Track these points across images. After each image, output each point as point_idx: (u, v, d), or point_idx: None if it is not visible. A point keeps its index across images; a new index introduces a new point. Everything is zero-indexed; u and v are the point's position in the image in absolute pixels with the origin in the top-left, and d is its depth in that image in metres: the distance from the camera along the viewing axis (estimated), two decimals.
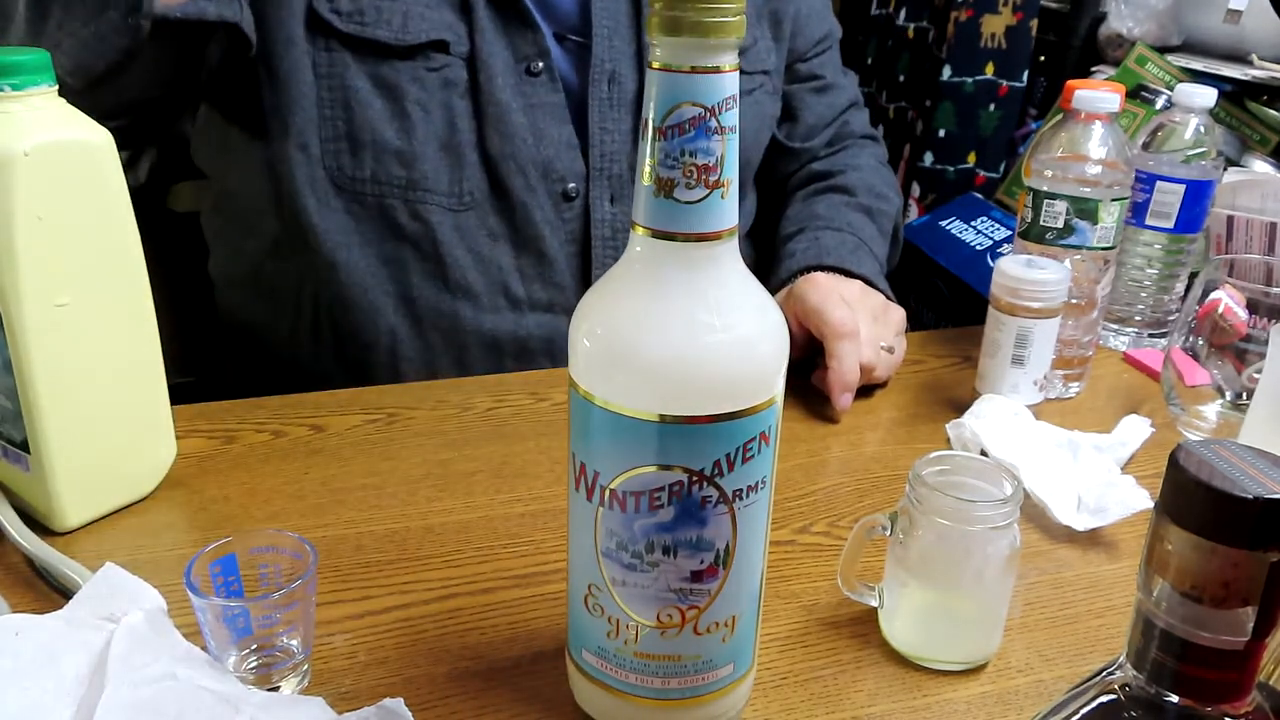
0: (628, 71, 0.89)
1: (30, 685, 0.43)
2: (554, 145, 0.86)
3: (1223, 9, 1.26)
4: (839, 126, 1.07)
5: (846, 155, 1.06)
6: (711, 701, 0.47)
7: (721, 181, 0.40)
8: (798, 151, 1.05)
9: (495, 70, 0.84)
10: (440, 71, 0.83)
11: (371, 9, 0.82)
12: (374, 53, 0.83)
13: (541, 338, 0.89)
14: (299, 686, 0.50)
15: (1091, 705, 0.29)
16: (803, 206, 1.00)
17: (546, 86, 0.86)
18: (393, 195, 0.85)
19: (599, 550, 0.44)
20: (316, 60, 0.83)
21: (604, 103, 0.88)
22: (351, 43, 0.82)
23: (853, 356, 0.78)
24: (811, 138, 1.05)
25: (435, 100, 0.84)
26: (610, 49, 0.88)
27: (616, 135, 0.89)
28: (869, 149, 1.08)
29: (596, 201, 0.89)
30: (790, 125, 1.05)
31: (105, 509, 0.63)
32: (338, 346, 0.90)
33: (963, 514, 0.50)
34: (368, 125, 0.83)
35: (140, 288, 0.62)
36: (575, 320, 0.44)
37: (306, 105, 0.83)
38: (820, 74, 1.05)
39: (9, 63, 0.54)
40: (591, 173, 0.89)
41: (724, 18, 0.38)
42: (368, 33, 0.82)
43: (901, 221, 1.06)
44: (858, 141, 1.08)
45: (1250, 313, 0.73)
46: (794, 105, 1.04)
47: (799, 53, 1.03)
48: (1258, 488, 0.24)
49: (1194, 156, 0.88)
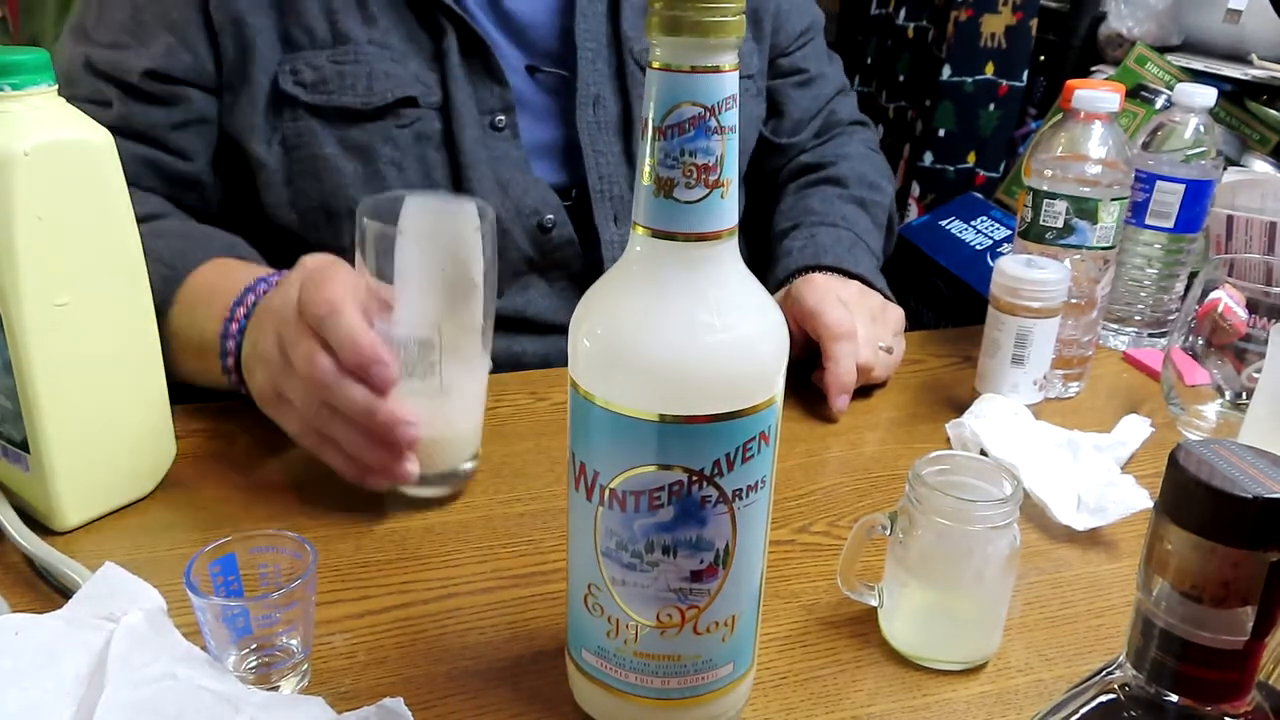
0: (609, 94, 0.89)
1: (30, 685, 0.43)
2: (521, 188, 0.86)
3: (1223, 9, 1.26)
4: (826, 116, 1.06)
5: (836, 144, 1.05)
6: (711, 701, 0.47)
7: (721, 181, 0.40)
8: (785, 147, 1.04)
9: (466, 121, 0.83)
10: (412, 126, 0.83)
11: (335, 75, 0.81)
12: (342, 118, 0.82)
13: (536, 353, 0.89)
14: (298, 686, 0.50)
15: (1091, 705, 0.29)
16: (796, 200, 0.99)
17: (509, 142, 0.86)
18: None
19: (599, 550, 0.44)
20: (284, 134, 0.82)
21: (592, 126, 0.88)
22: (318, 112, 0.82)
23: (850, 358, 0.78)
24: (799, 132, 1.04)
25: (409, 157, 0.83)
26: (594, 72, 0.88)
27: (609, 157, 0.89)
28: (858, 135, 1.07)
29: (602, 223, 0.89)
30: (776, 121, 1.04)
31: (105, 509, 0.63)
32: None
33: (963, 514, 0.50)
34: (340, 193, 0.83)
35: (140, 288, 0.62)
36: (575, 320, 0.44)
37: (277, 187, 0.83)
38: (804, 67, 1.04)
39: (9, 62, 0.54)
40: (593, 196, 0.88)
41: (724, 17, 0.38)
42: (333, 100, 0.81)
43: (895, 211, 1.05)
44: (846, 129, 1.07)
45: (1250, 312, 0.73)
46: (779, 100, 1.03)
47: (781, 48, 1.02)
48: (1258, 488, 0.24)
49: (1194, 156, 0.88)
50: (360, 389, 0.58)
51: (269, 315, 0.63)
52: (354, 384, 0.58)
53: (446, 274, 0.60)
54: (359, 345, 0.57)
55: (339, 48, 0.82)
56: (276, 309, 0.63)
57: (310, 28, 0.81)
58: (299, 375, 0.59)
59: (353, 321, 0.57)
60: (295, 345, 0.59)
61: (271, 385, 0.62)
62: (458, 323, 0.61)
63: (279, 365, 0.61)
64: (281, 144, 0.83)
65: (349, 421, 0.59)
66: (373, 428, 0.59)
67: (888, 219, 1.02)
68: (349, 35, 0.82)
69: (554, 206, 0.87)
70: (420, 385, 0.61)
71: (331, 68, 0.81)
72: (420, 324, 0.60)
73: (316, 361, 0.58)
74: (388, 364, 0.57)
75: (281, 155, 0.83)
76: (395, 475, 0.61)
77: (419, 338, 0.60)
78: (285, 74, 0.81)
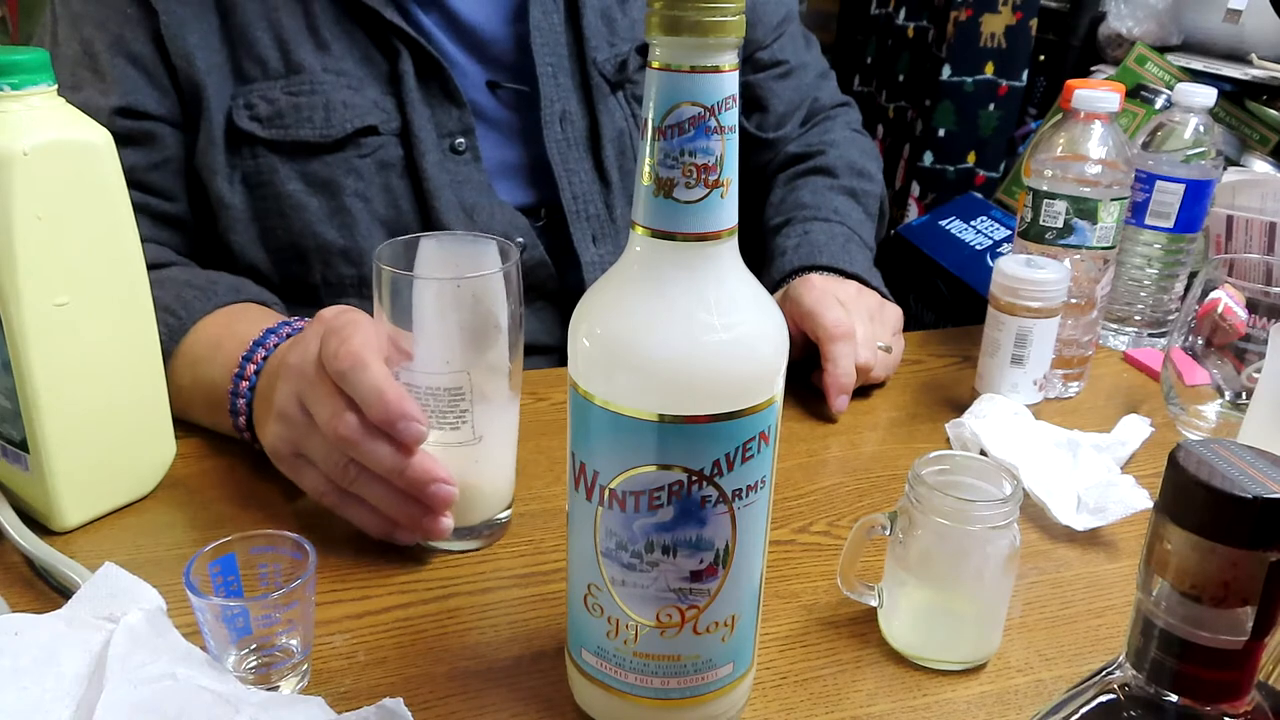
0: (575, 108, 0.88)
1: (30, 685, 0.43)
2: (486, 213, 0.85)
3: (1223, 9, 1.26)
4: (810, 105, 1.05)
5: (821, 130, 1.04)
6: (711, 701, 0.47)
7: (721, 181, 0.40)
8: (772, 141, 1.03)
9: (426, 146, 0.82)
10: (374, 155, 0.82)
11: (290, 109, 0.80)
12: (301, 153, 0.81)
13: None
14: (298, 686, 0.50)
15: (1091, 705, 0.29)
16: (786, 192, 0.98)
17: (470, 165, 0.85)
18: (347, 294, 0.84)
19: (599, 550, 0.44)
20: (245, 172, 0.81)
21: (561, 144, 0.87)
22: (276, 147, 0.80)
23: (848, 358, 0.78)
24: (784, 125, 1.03)
25: (374, 187, 0.82)
26: (557, 86, 0.87)
27: (581, 174, 0.88)
28: (841, 118, 1.06)
29: (581, 244, 0.88)
30: (761, 116, 1.03)
31: (105, 509, 0.63)
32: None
33: (962, 514, 0.50)
34: (308, 230, 0.82)
35: (140, 288, 0.62)
36: (575, 320, 0.44)
37: (244, 225, 0.82)
38: (783, 58, 1.02)
39: (8, 62, 0.54)
40: (569, 216, 0.87)
41: (723, 17, 0.38)
42: (290, 135, 0.80)
43: (885, 193, 1.04)
44: (829, 114, 1.06)
45: (1250, 312, 0.73)
46: (761, 95, 1.02)
47: (759, 42, 1.01)
48: (1258, 488, 0.24)
49: (1194, 156, 0.88)
50: (388, 447, 0.55)
51: (287, 372, 0.60)
52: (382, 442, 0.55)
53: (469, 318, 0.57)
54: (385, 400, 0.54)
55: (293, 78, 0.80)
56: (294, 365, 0.59)
57: (262, 58, 0.80)
58: (323, 434, 0.57)
59: (378, 375, 0.54)
60: (318, 403, 0.57)
61: (290, 444, 0.60)
62: (486, 367, 0.59)
63: (300, 424, 0.59)
64: (243, 182, 0.81)
65: (377, 479, 0.57)
66: (404, 486, 0.56)
67: (879, 205, 1.01)
68: (302, 64, 0.80)
69: (523, 229, 0.86)
70: (452, 435, 0.58)
71: (287, 100, 0.80)
72: (446, 371, 0.57)
73: (343, 419, 0.55)
74: (416, 418, 0.54)
75: (245, 194, 0.81)
76: (428, 532, 0.58)
77: (447, 386, 0.57)
78: (240, 109, 0.80)
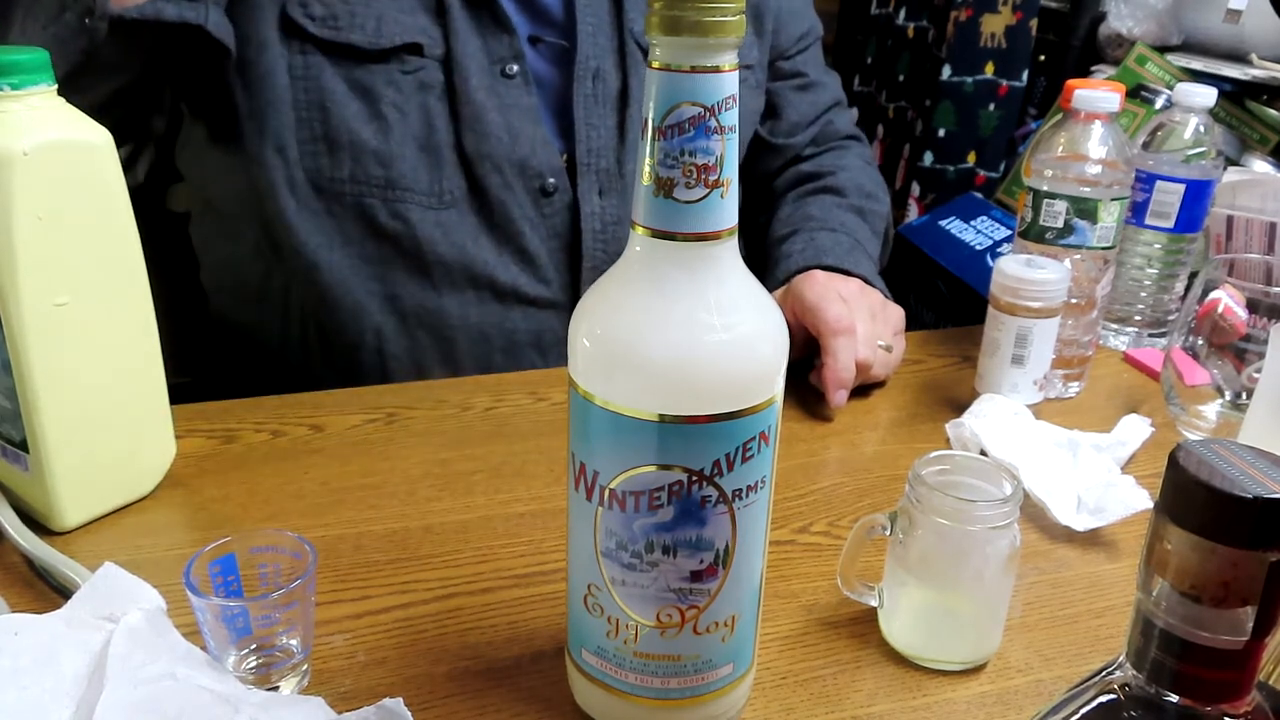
0: (610, 68, 0.90)
1: (30, 685, 0.43)
2: (529, 143, 0.87)
3: (1223, 9, 1.26)
4: (823, 125, 1.08)
5: (833, 156, 1.07)
6: (711, 701, 0.47)
7: (721, 181, 0.40)
8: (780, 148, 1.06)
9: (470, 72, 0.84)
10: (415, 74, 0.84)
11: (345, 13, 0.82)
12: (348, 56, 0.83)
13: (529, 330, 0.90)
14: (298, 686, 0.50)
15: (1091, 705, 0.29)
16: (794, 208, 1.00)
17: (521, 89, 0.86)
18: (372, 195, 0.85)
19: (598, 550, 0.44)
20: (292, 63, 0.83)
21: (589, 99, 0.89)
22: (326, 46, 0.83)
23: (848, 353, 0.78)
24: (794, 134, 1.05)
25: (412, 102, 0.84)
26: (595, 46, 0.89)
27: (602, 130, 0.90)
28: (854, 149, 1.09)
29: (585, 195, 0.89)
30: (773, 122, 1.05)
31: (105, 509, 0.63)
32: (325, 348, 0.90)
33: (963, 514, 0.50)
34: (345, 126, 0.84)
35: (140, 287, 0.62)
36: (575, 320, 0.44)
37: (283, 108, 0.84)
38: (803, 71, 1.05)
39: (8, 62, 0.54)
40: (579, 168, 0.89)
41: (724, 17, 0.38)
42: (341, 37, 0.83)
43: (892, 222, 1.07)
44: (843, 142, 1.09)
45: (1250, 312, 0.73)
46: (777, 102, 1.05)
47: (781, 49, 1.03)
48: (1258, 488, 0.24)
49: (1194, 156, 0.88)
50: None
51: None
52: None
53: None
54: None
55: None
56: None
57: None
58: None
59: None
60: None
61: None
62: None
63: None
64: (288, 72, 0.83)
65: None
66: None
67: (885, 229, 1.04)
68: None
69: (557, 170, 0.88)
70: None
71: (341, 5, 0.83)
72: None
73: None
74: None
75: (289, 82, 0.83)
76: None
77: None
78: (294, 4, 0.82)
